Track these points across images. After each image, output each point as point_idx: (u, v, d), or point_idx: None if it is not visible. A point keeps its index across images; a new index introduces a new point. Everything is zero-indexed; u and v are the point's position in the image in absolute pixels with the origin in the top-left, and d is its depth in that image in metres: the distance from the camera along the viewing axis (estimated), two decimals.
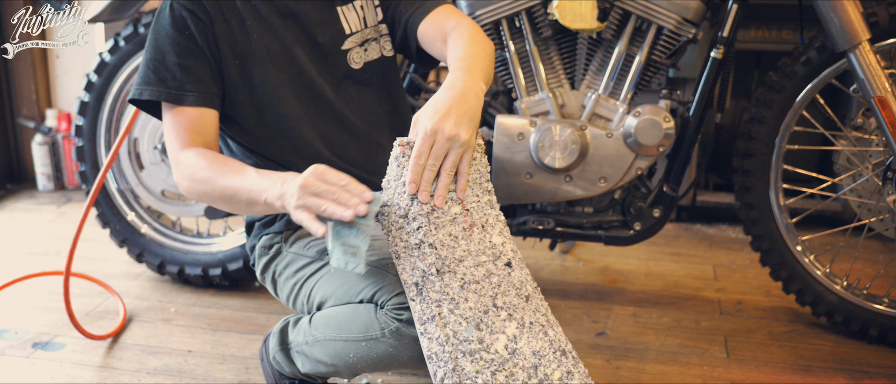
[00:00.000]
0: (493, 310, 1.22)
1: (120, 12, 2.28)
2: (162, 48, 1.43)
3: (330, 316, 1.41)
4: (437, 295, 1.21)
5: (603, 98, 2.04)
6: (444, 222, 1.25)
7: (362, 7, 1.59)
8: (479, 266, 1.24)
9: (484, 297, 1.22)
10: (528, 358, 1.20)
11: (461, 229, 1.25)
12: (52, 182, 3.38)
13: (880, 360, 1.99)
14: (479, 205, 1.30)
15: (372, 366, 1.37)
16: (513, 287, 1.26)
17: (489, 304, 1.22)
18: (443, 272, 1.21)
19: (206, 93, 1.44)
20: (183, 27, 1.43)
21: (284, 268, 1.53)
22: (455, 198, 1.27)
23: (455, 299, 1.21)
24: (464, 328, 1.19)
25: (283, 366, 1.55)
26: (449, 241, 1.24)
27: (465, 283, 1.22)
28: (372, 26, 1.60)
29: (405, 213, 1.25)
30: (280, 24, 1.50)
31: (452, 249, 1.23)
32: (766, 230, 2.14)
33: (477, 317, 1.20)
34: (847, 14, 1.86)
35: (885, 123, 1.86)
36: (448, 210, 1.26)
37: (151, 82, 1.43)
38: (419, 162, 1.22)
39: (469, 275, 1.23)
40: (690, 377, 1.90)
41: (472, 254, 1.24)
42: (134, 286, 2.41)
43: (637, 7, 1.97)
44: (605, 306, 2.29)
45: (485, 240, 1.27)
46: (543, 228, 2.13)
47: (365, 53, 1.58)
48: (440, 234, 1.23)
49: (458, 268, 1.23)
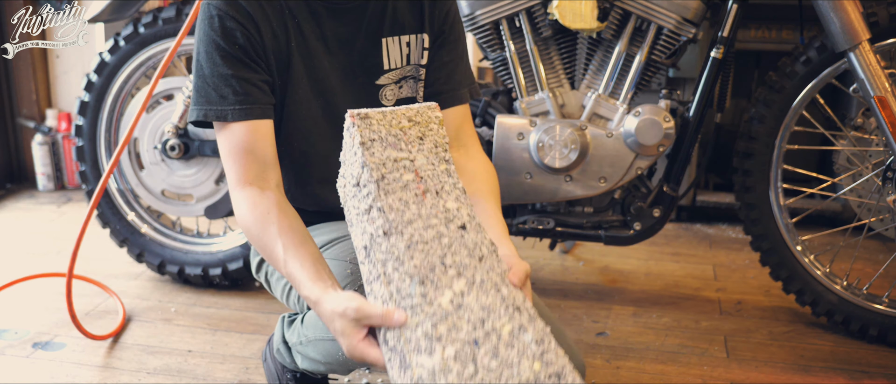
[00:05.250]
0: (440, 268, 1.19)
1: (120, 12, 2.28)
2: (216, 62, 1.36)
3: (317, 316, 1.41)
4: (383, 255, 1.19)
5: (603, 98, 2.04)
6: (396, 188, 1.24)
7: (409, 44, 1.50)
8: (429, 228, 1.22)
9: (431, 256, 1.19)
10: (476, 312, 1.16)
11: (413, 195, 1.25)
12: (52, 182, 3.38)
13: (880, 360, 1.99)
14: (435, 173, 1.29)
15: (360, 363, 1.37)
16: (465, 247, 1.23)
17: (436, 262, 1.19)
18: (390, 234, 1.20)
19: (266, 104, 1.38)
20: (234, 39, 1.35)
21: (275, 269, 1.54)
22: (409, 166, 1.27)
23: (400, 258, 1.18)
24: (407, 284, 1.17)
25: (287, 359, 1.56)
26: (399, 206, 1.23)
27: (411, 243, 1.20)
28: (414, 65, 1.52)
29: (357, 181, 1.25)
30: (322, 50, 1.44)
31: (402, 213, 1.22)
32: (766, 230, 2.14)
33: (422, 274, 1.18)
34: (847, 14, 1.86)
35: (885, 123, 1.86)
36: (400, 177, 1.26)
37: (214, 102, 1.36)
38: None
39: (417, 235, 1.21)
40: (690, 377, 1.90)
41: (422, 217, 1.23)
42: (134, 286, 2.41)
43: (637, 7, 1.97)
44: (605, 306, 2.29)
45: (438, 205, 1.25)
46: (543, 228, 2.13)
47: (399, 91, 1.52)
48: (390, 199, 1.23)
49: (405, 229, 1.21)
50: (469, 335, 1.12)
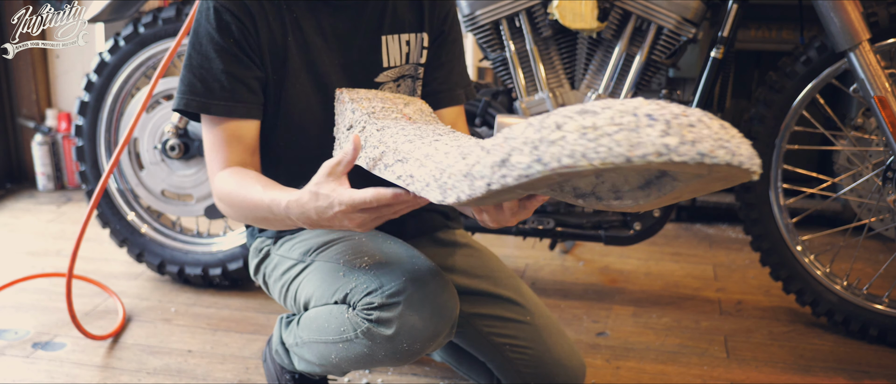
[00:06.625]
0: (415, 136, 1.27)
1: (120, 12, 2.28)
2: (208, 55, 1.37)
3: (311, 318, 1.42)
4: (356, 125, 1.34)
5: (603, 98, 2.04)
6: (386, 119, 1.33)
7: (409, 43, 1.50)
8: (408, 127, 1.29)
9: (405, 130, 1.27)
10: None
11: (400, 122, 1.34)
12: (52, 182, 3.38)
13: (880, 360, 1.99)
14: (423, 119, 1.37)
15: (354, 364, 1.37)
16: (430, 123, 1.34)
17: (411, 134, 1.26)
18: (373, 120, 1.31)
19: (255, 104, 1.40)
20: (228, 33, 1.36)
21: (272, 271, 1.54)
22: (398, 111, 1.36)
23: (380, 130, 1.29)
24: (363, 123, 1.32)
25: (285, 360, 1.57)
26: (386, 120, 1.34)
27: (383, 127, 1.28)
28: (413, 64, 1.53)
29: (350, 125, 1.35)
30: (320, 46, 1.44)
31: (385, 117, 1.33)
32: (766, 230, 2.14)
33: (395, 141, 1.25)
34: (847, 14, 1.86)
35: (885, 123, 1.86)
36: (389, 115, 1.34)
37: (199, 93, 1.37)
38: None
39: (394, 125, 1.30)
40: (690, 377, 1.90)
41: (406, 125, 1.31)
42: (134, 286, 2.41)
43: (637, 7, 1.97)
44: (605, 306, 2.29)
45: (428, 124, 1.34)
46: (543, 228, 2.13)
47: (397, 89, 1.52)
48: (378, 118, 1.33)
49: (386, 123, 1.30)
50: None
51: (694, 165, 0.84)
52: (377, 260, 1.36)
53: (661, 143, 0.83)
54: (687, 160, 0.83)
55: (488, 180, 0.95)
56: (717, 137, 0.85)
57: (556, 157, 0.87)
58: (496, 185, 0.95)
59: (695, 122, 0.86)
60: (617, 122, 0.85)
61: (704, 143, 0.84)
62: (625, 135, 0.84)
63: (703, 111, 0.89)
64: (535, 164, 0.89)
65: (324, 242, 1.47)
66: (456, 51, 1.57)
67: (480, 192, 0.97)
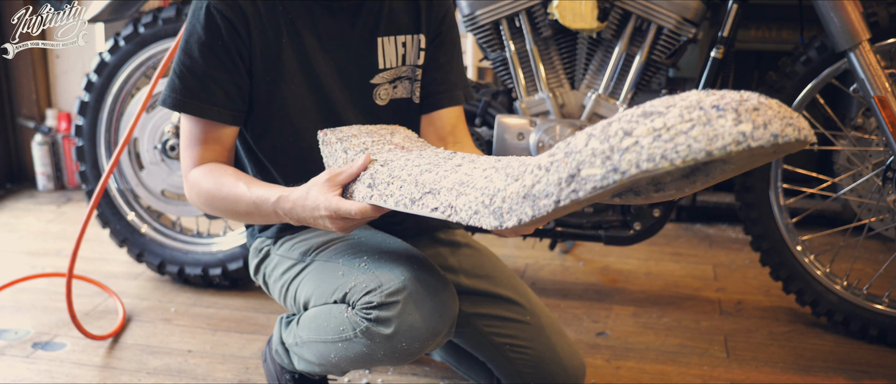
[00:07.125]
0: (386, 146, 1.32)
1: (120, 12, 2.28)
2: (192, 54, 1.37)
3: (311, 318, 1.42)
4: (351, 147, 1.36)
5: (603, 98, 2.04)
6: (379, 151, 1.34)
7: (405, 44, 1.50)
8: (411, 157, 1.30)
9: (410, 160, 1.28)
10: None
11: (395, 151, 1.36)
12: (52, 182, 3.38)
13: (880, 360, 1.99)
14: (414, 145, 1.39)
15: (354, 364, 1.37)
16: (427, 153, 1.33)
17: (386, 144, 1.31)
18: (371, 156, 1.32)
19: (231, 109, 1.40)
20: (217, 35, 1.36)
21: (272, 271, 1.54)
22: (388, 141, 1.38)
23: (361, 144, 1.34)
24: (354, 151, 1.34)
25: (285, 360, 1.57)
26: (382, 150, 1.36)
27: (386, 162, 1.29)
28: (410, 65, 1.52)
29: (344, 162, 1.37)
30: (316, 47, 1.43)
31: (380, 151, 1.34)
32: (766, 230, 2.14)
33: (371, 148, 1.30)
34: (847, 14, 1.86)
35: (885, 123, 1.86)
36: (382, 147, 1.35)
37: (177, 90, 1.38)
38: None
39: (396, 158, 1.30)
40: (690, 377, 1.90)
41: (407, 155, 1.32)
42: (134, 286, 2.41)
43: (637, 7, 1.97)
44: (605, 306, 2.29)
45: (424, 150, 1.36)
46: (543, 228, 2.13)
47: (393, 91, 1.52)
48: (375, 154, 1.34)
49: (387, 157, 1.31)
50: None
51: (770, 147, 0.84)
52: (376, 259, 1.36)
53: (738, 132, 0.83)
54: (763, 144, 0.83)
55: (556, 198, 0.95)
56: (782, 116, 0.86)
57: (634, 162, 0.87)
58: (566, 201, 0.95)
59: (758, 105, 0.86)
60: (688, 119, 0.85)
61: (774, 125, 0.84)
62: (700, 129, 0.84)
63: (751, 92, 0.89)
64: (611, 174, 0.89)
65: (324, 242, 1.47)
66: (454, 52, 1.57)
67: (547, 210, 0.97)
